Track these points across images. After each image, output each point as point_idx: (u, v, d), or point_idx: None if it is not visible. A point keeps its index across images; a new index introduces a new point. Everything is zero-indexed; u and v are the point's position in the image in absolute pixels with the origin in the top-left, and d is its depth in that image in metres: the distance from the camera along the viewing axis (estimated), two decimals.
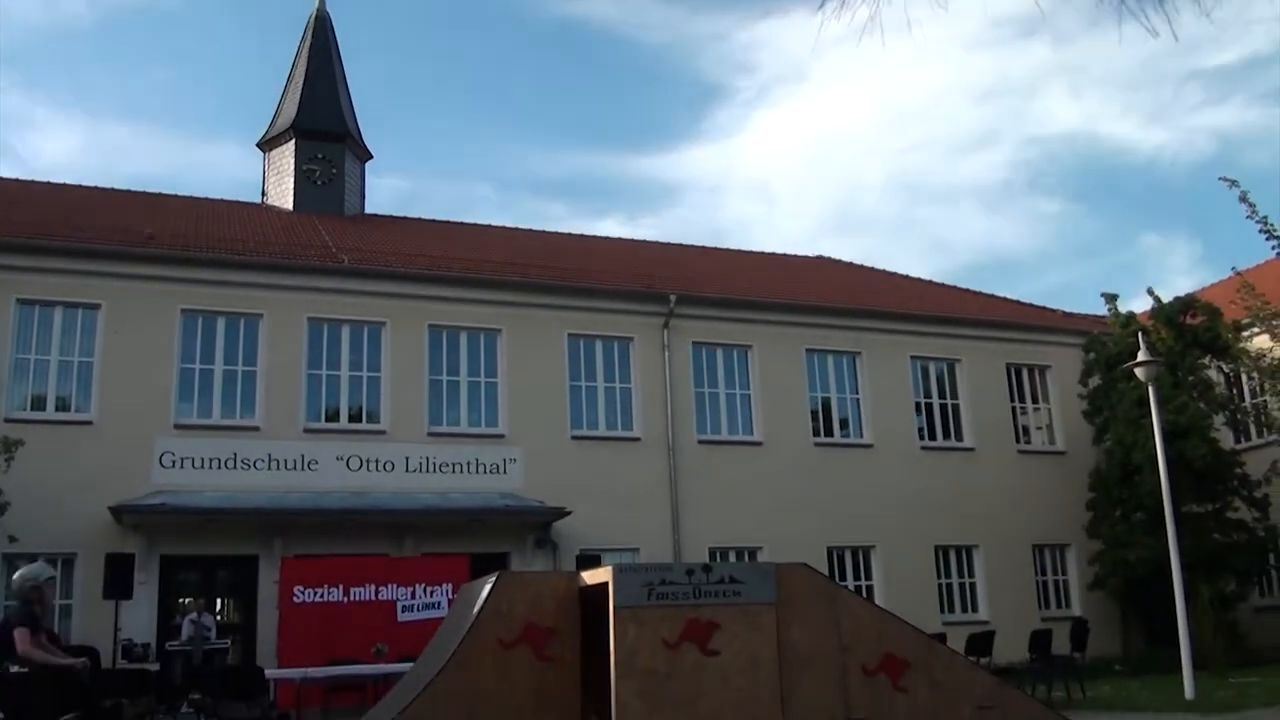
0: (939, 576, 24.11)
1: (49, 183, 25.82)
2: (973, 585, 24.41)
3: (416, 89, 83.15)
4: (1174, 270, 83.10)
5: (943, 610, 23.60)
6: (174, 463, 19.31)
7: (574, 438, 22.02)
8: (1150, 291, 24.55)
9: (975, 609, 24.18)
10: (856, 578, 23.33)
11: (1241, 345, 23.44)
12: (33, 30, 78.83)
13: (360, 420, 21.10)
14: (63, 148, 78.78)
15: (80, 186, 25.78)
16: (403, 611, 18.34)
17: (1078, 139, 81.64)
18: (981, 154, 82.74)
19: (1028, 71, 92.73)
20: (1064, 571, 25.34)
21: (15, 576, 9.35)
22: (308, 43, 28.78)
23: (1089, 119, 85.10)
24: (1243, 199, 20.03)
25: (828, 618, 8.04)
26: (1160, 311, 24.13)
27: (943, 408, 25.60)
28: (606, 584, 7.60)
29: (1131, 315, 24.72)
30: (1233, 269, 23.95)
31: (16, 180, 25.63)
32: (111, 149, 78.44)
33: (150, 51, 78.53)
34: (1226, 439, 24.30)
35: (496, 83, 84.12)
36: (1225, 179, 20.08)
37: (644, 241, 30.83)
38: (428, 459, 20.89)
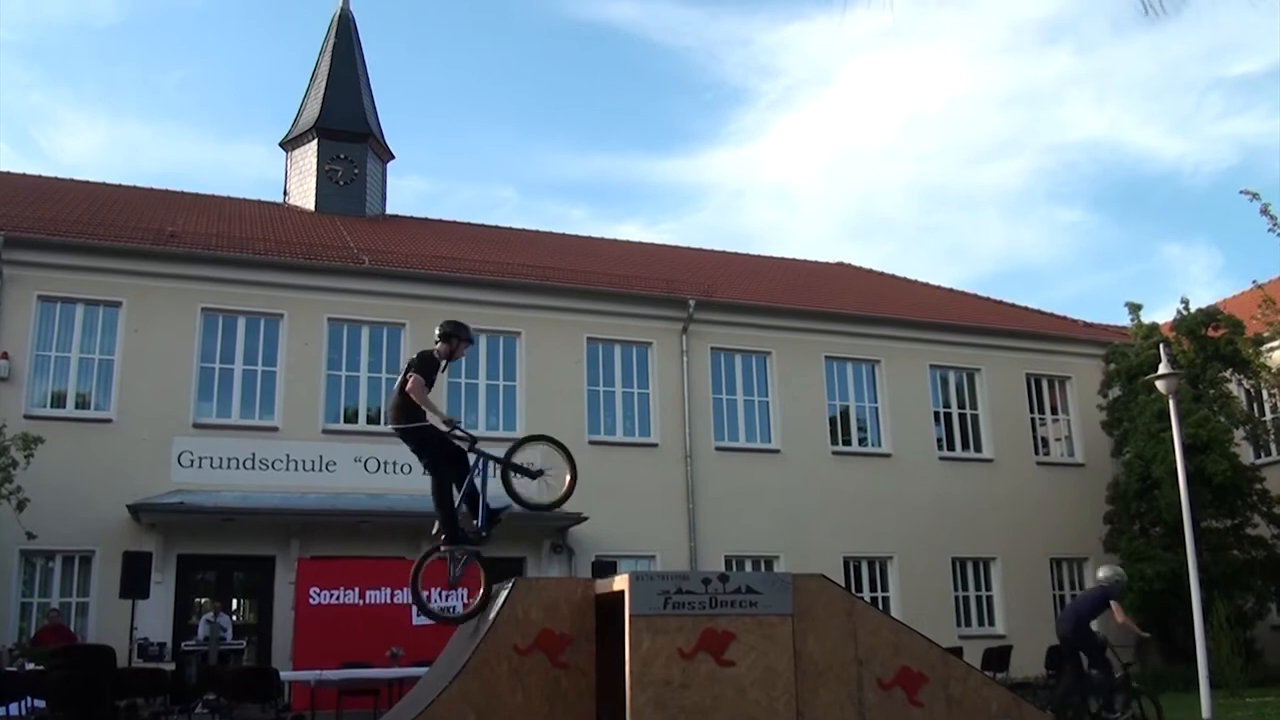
0: (956, 589, 24.00)
1: (72, 180, 25.92)
2: (990, 598, 24.29)
3: (439, 90, 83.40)
4: (1195, 281, 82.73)
5: (959, 624, 23.49)
6: (192, 462, 19.36)
7: (591, 443, 21.97)
8: (1183, 301, 24.35)
9: (992, 623, 24.06)
10: (873, 589, 23.24)
11: (1262, 360, 23.32)
12: (58, 27, 79.36)
13: (379, 421, 21.06)
14: (86, 145, 79.27)
15: (103, 184, 25.87)
16: (418, 615, 18.29)
17: (1099, 147, 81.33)
18: (1003, 161, 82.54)
19: (1050, 79, 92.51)
20: (1082, 585, 25.13)
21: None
22: (331, 43, 28.83)
23: (1111, 127, 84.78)
24: (1264, 211, 19.98)
25: (844, 630, 8.01)
26: (1182, 323, 23.98)
27: (962, 418, 25.49)
28: (623, 592, 7.58)
29: (1154, 326, 24.57)
30: (1254, 282, 23.87)
31: (40, 177, 25.74)
32: (135, 147, 78.89)
33: (174, 50, 78.96)
34: (1246, 454, 24.13)
35: (519, 84, 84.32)
36: (1246, 191, 20.09)
37: (664, 246, 30.79)
38: None
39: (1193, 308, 24.17)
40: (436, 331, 9.17)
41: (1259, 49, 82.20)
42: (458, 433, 8.65)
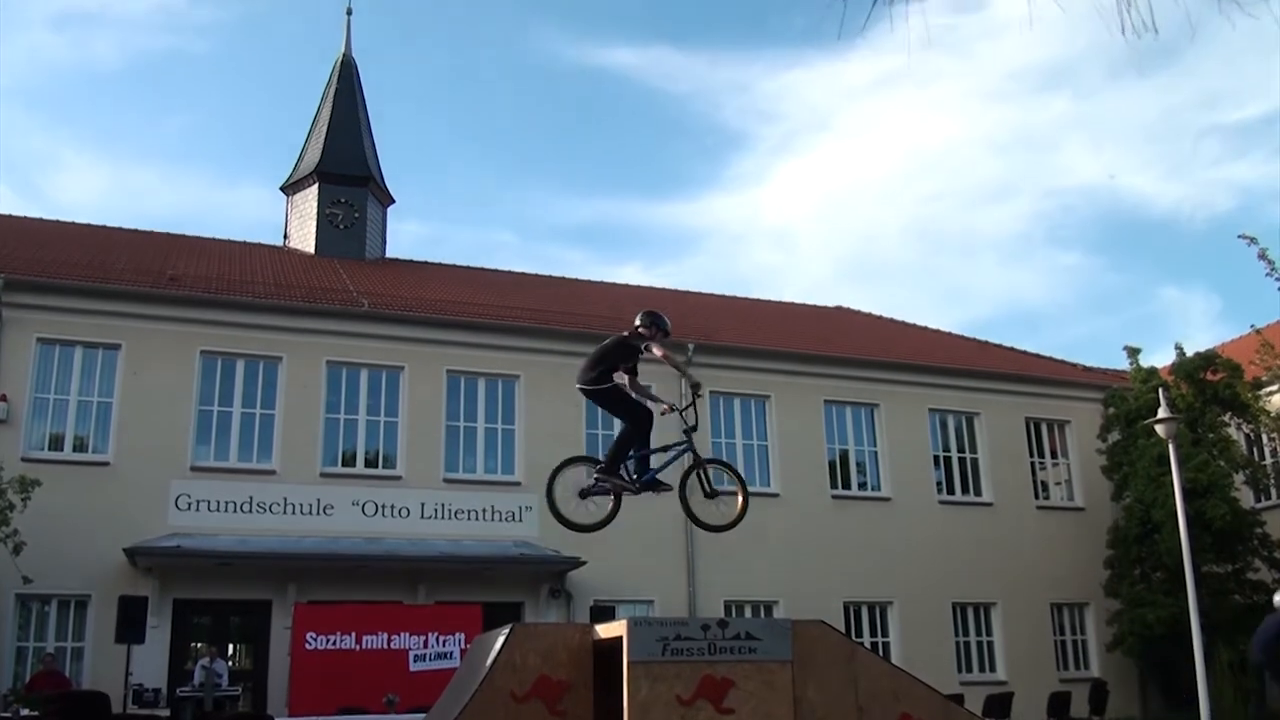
0: (956, 634, 23.86)
1: (72, 223, 26.02)
2: (990, 644, 24.14)
3: (439, 134, 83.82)
4: (1194, 325, 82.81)
5: (960, 669, 23.35)
6: (190, 505, 19.30)
7: None
8: (1178, 347, 24.39)
9: (993, 668, 23.92)
10: (873, 634, 23.10)
11: (1261, 404, 23.30)
12: (61, 72, 79.85)
13: (376, 465, 21.08)
14: (88, 188, 79.55)
15: (103, 227, 25.95)
16: (415, 661, 18.18)
17: (1097, 192, 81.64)
18: (1001, 205, 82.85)
19: (1047, 124, 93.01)
20: (1083, 631, 25.06)
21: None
22: (333, 88, 29.02)
23: (1108, 172, 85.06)
24: (1261, 256, 20.04)
25: (844, 676, 7.94)
26: (1180, 367, 23.98)
27: (961, 461, 25.45)
28: (621, 638, 7.53)
29: (1152, 370, 24.57)
30: (1251, 326, 23.90)
31: (40, 220, 25.83)
32: (136, 190, 79.18)
33: (177, 95, 79.42)
34: (1246, 498, 24.06)
35: (519, 129, 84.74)
36: (1245, 236, 20.13)
37: (663, 289, 30.82)
38: (443, 505, 20.84)
39: (1189, 351, 24.20)
40: (637, 320, 10.01)
41: (1255, 95, 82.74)
42: (672, 412, 9.71)
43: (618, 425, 22.24)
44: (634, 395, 9.54)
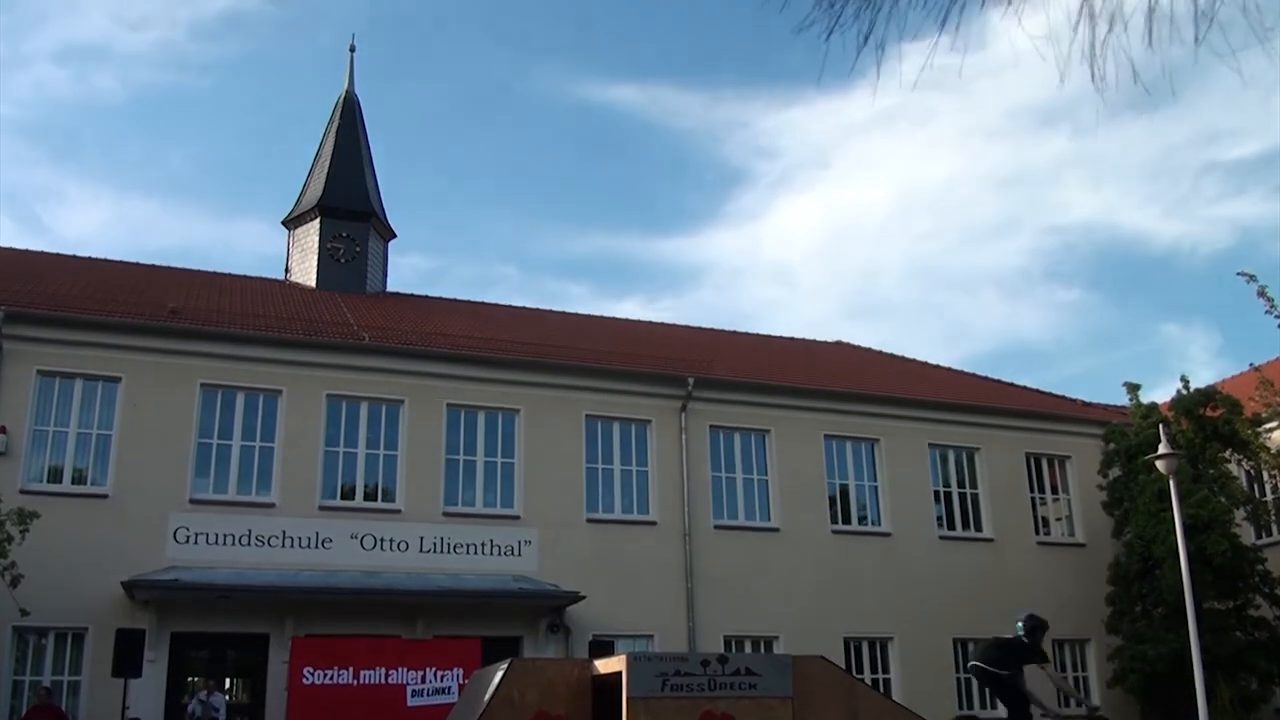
0: (957, 669, 23.72)
1: (74, 256, 26.10)
2: None
3: (441, 169, 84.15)
4: (1194, 361, 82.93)
5: (960, 705, 23.18)
6: (188, 538, 19.25)
7: (589, 520, 21.90)
8: (1183, 379, 24.35)
9: (994, 705, 23.73)
10: (874, 670, 22.99)
11: (1261, 441, 23.28)
12: (64, 106, 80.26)
13: (376, 499, 21.03)
14: (90, 221, 79.82)
15: (104, 260, 26.02)
16: (412, 696, 18.08)
17: (1096, 229, 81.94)
18: (1000, 242, 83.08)
19: (1046, 161, 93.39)
20: (1084, 668, 24.93)
21: None
22: (335, 123, 29.21)
23: (1108, 209, 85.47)
24: (1261, 293, 20.06)
25: (845, 712, 7.91)
26: (1180, 403, 23.96)
27: (961, 496, 25.39)
28: (620, 673, 7.50)
29: (1153, 406, 24.54)
30: (1251, 364, 23.90)
31: (42, 253, 25.90)
32: (138, 223, 79.44)
33: (180, 129, 79.80)
34: (1247, 535, 23.99)
35: (520, 165, 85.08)
36: (1244, 274, 20.15)
37: (663, 324, 30.89)
38: (442, 539, 20.79)
39: (1192, 387, 24.18)
40: (1020, 623, 12.35)
41: (1254, 134, 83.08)
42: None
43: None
44: (1027, 692, 11.71)
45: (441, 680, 18.15)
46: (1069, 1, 3.63)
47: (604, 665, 7.94)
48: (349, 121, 29.27)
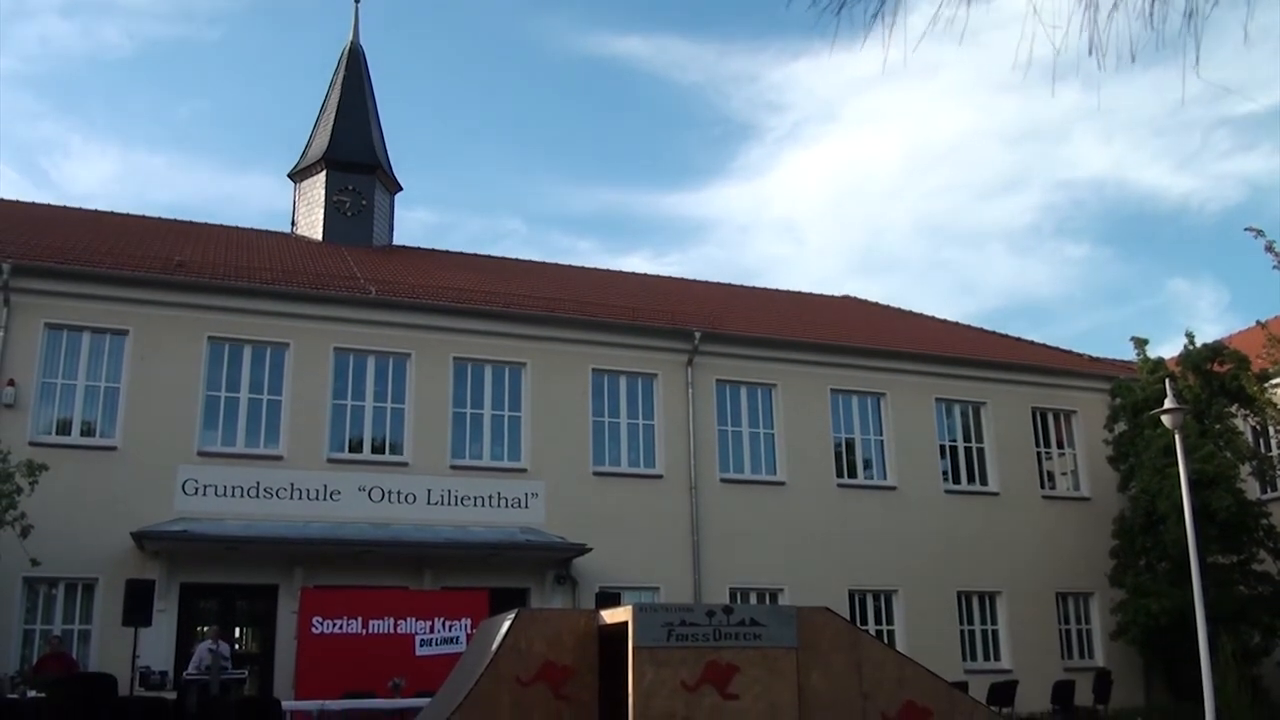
0: (961, 623, 23.87)
1: (80, 209, 26.08)
2: (995, 633, 24.15)
3: (447, 122, 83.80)
4: (1202, 317, 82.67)
5: (965, 658, 23.36)
6: (197, 490, 19.35)
7: (596, 474, 21.97)
8: (1188, 334, 24.33)
9: (998, 657, 23.93)
10: (878, 622, 23.13)
11: (1267, 396, 23.25)
12: (70, 59, 79.90)
13: (383, 452, 21.10)
14: (97, 175, 79.67)
15: (112, 213, 26.01)
16: (421, 645, 18.26)
17: (1106, 184, 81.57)
18: (1009, 197, 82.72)
19: (1056, 116, 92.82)
20: (1087, 620, 25.06)
21: None
22: (340, 76, 29.07)
23: (1118, 164, 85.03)
24: (1268, 249, 19.96)
25: (849, 663, 7.97)
26: (1187, 358, 23.92)
27: (967, 451, 25.43)
28: (626, 623, 7.55)
29: (1160, 361, 24.50)
30: (1257, 321, 23.84)
31: (49, 205, 25.91)
32: (145, 177, 79.28)
33: (186, 82, 79.46)
34: (1252, 490, 24.02)
35: (527, 118, 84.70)
36: (1251, 229, 20.02)
37: (670, 278, 30.85)
38: (449, 492, 20.88)
39: (1197, 343, 24.14)
40: None
41: (1265, 88, 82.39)
42: None
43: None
44: None
45: (449, 630, 18.32)
46: None
47: (610, 615, 8.00)
48: (354, 73, 29.13)
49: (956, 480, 25.10)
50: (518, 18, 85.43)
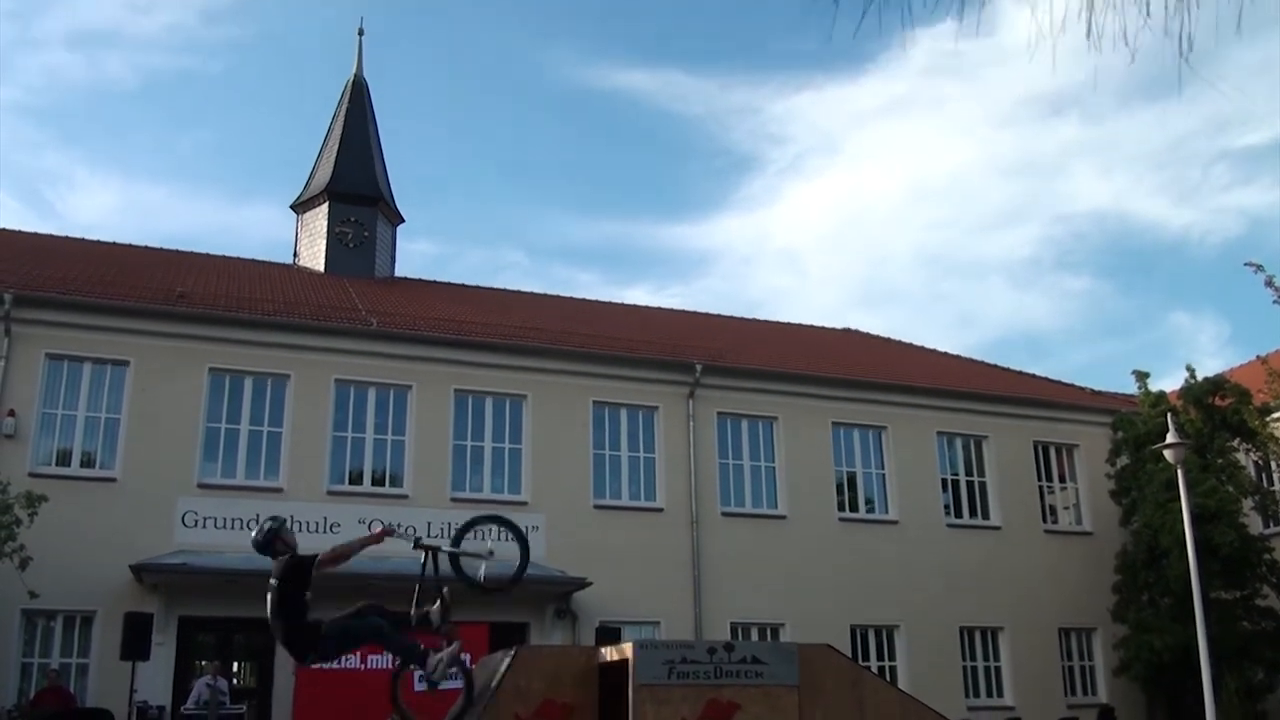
0: (964, 659, 23.73)
1: (83, 239, 26.13)
2: (998, 669, 24.00)
3: (449, 154, 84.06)
4: (1203, 350, 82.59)
5: (967, 695, 23.22)
6: (196, 522, 19.29)
7: (596, 507, 21.91)
8: (1189, 368, 24.33)
9: (1001, 694, 23.77)
10: (880, 658, 22.99)
11: (1268, 430, 23.21)
12: (75, 90, 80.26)
13: (383, 484, 21.05)
14: (99, 205, 79.85)
15: (114, 244, 26.04)
16: (419, 681, 18.08)
17: (1106, 217, 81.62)
18: (1010, 230, 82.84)
19: (1056, 150, 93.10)
20: (1090, 657, 24.91)
21: None
22: (344, 108, 29.19)
23: (1118, 197, 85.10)
24: (1268, 284, 19.94)
25: (851, 701, 7.92)
26: (1189, 392, 23.90)
27: (969, 485, 25.36)
28: (627, 661, 7.51)
29: (1161, 395, 24.48)
30: (1257, 356, 23.83)
31: (51, 236, 25.94)
32: (147, 208, 79.44)
33: (189, 114, 79.76)
34: (1255, 525, 23.94)
35: (529, 150, 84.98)
36: (1251, 264, 19.98)
37: (672, 310, 30.86)
38: (450, 524, 20.72)
39: (1198, 376, 24.13)
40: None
41: (1265, 121, 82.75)
42: None
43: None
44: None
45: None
46: None
47: (611, 653, 7.96)
48: (357, 106, 29.26)
49: (958, 514, 25.01)
50: (521, 51, 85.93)
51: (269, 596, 7.88)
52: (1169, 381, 27.83)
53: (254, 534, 8.19)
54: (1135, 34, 3.51)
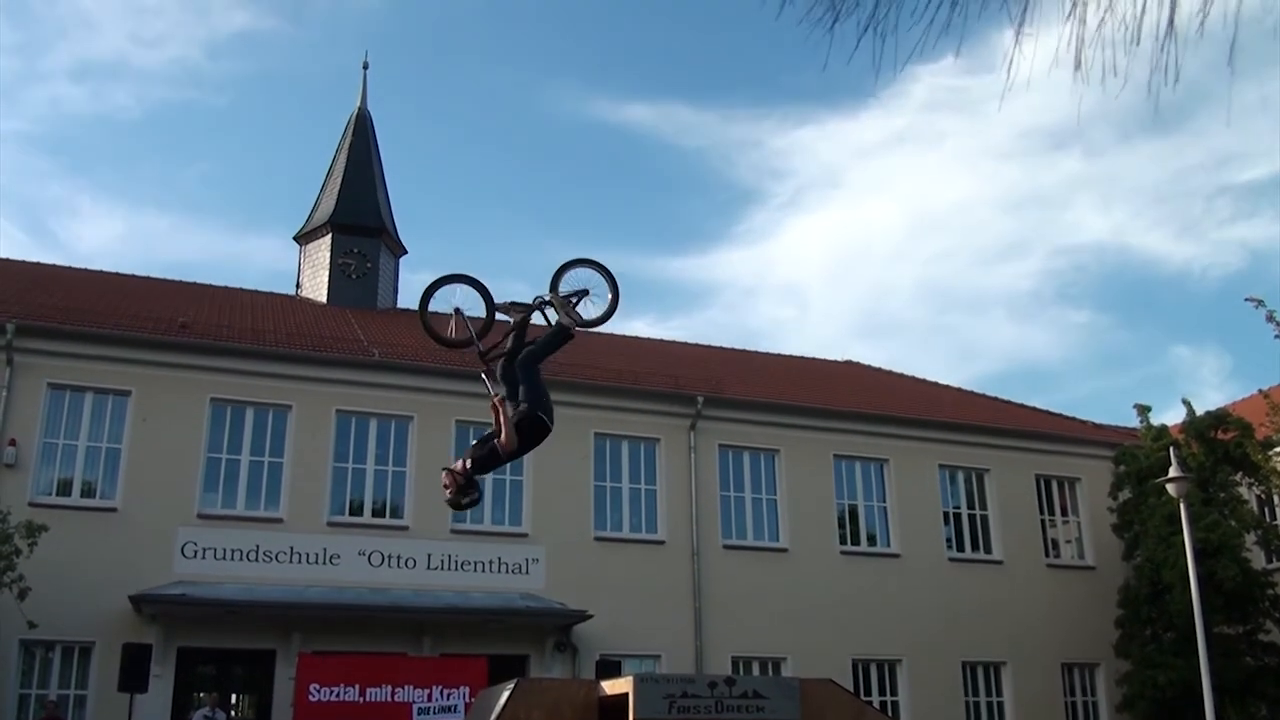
0: (966, 694, 23.60)
1: (86, 269, 26.18)
2: (1001, 704, 23.86)
3: (452, 186, 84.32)
4: (1205, 384, 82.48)
5: None
6: (196, 553, 19.24)
7: (597, 539, 21.86)
8: (1185, 402, 24.33)
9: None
10: (882, 693, 22.87)
11: (1271, 464, 23.16)
12: (79, 120, 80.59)
13: (384, 515, 21.02)
14: (103, 235, 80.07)
15: (116, 274, 26.10)
16: (418, 714, 18.03)
17: (1107, 250, 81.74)
18: (1011, 263, 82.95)
19: (1057, 183, 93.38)
20: (1093, 692, 24.77)
21: None
22: (348, 140, 29.33)
23: (1119, 231, 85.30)
24: (1269, 318, 19.94)
25: None
26: (1191, 426, 23.87)
27: (971, 518, 25.30)
28: (627, 695, 7.46)
29: (1163, 428, 24.44)
30: (1259, 390, 23.80)
31: (54, 265, 25.98)
32: (151, 238, 79.62)
33: (194, 145, 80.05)
34: (1258, 559, 23.84)
35: (532, 183, 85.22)
36: (1252, 299, 19.99)
37: (673, 342, 30.85)
38: (449, 556, 20.76)
39: (1199, 410, 24.11)
40: None
41: (1266, 156, 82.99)
42: None
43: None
44: None
45: (448, 698, 18.10)
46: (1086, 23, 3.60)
47: (610, 686, 7.90)
48: (361, 138, 29.40)
49: (960, 548, 24.93)
50: (523, 84, 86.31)
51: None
52: (1171, 415, 27.83)
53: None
54: (1125, 67, 3.52)
